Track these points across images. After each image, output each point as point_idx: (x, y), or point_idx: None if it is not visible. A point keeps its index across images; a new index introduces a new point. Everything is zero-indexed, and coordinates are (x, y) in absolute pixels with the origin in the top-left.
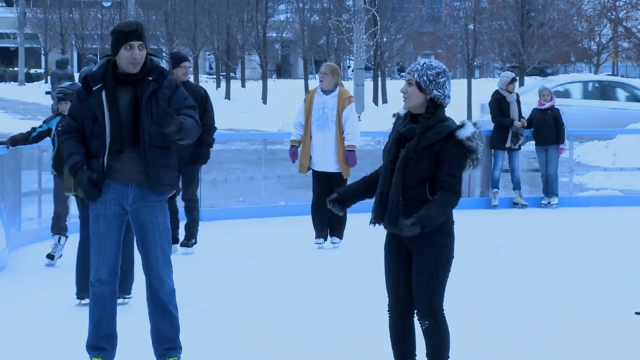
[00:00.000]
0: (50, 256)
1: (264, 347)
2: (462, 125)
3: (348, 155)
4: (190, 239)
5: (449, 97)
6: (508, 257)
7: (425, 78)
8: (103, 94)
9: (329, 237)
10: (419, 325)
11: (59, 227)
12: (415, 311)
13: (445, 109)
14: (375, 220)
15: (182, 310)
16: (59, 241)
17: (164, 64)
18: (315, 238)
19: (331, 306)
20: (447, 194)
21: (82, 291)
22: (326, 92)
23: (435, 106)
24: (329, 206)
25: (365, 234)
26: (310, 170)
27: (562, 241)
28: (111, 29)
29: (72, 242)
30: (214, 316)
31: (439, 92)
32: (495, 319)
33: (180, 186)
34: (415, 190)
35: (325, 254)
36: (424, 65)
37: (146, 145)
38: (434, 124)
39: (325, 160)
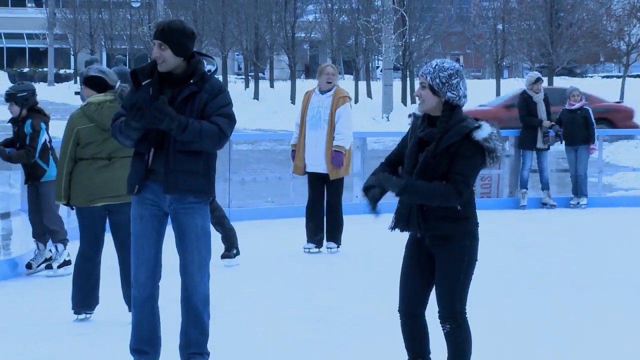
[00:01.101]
0: (49, 265)
1: (286, 348)
2: (479, 126)
3: (334, 155)
4: (231, 250)
5: (464, 97)
6: (536, 257)
7: (438, 81)
8: (150, 89)
9: (325, 242)
10: (441, 328)
11: (58, 239)
12: (438, 316)
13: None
14: (397, 225)
15: (212, 311)
16: (57, 249)
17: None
18: (306, 243)
19: (358, 307)
20: (451, 187)
21: (78, 306)
22: (323, 92)
23: (452, 107)
24: (366, 197)
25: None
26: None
27: (591, 242)
28: None
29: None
30: (243, 317)
31: (453, 93)
32: (523, 320)
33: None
34: None
35: (347, 255)
36: (436, 67)
37: (170, 148)
38: (452, 126)
39: (317, 161)
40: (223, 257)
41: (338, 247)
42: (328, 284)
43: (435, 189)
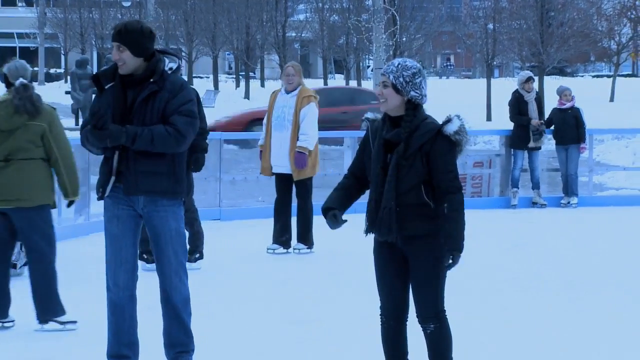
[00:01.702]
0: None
1: (271, 348)
2: (448, 120)
3: (297, 157)
4: (194, 254)
5: (426, 95)
6: (527, 256)
7: (401, 79)
8: (110, 93)
9: (296, 242)
10: (422, 329)
11: None
12: (418, 315)
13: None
14: (371, 228)
15: (197, 310)
16: (21, 248)
17: (183, 64)
18: (271, 243)
19: (342, 305)
20: (452, 198)
21: (44, 313)
22: (288, 91)
23: (415, 106)
24: (329, 220)
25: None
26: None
27: (582, 241)
28: None
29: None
30: (228, 315)
31: (416, 92)
32: (513, 319)
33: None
34: (411, 194)
35: (342, 253)
36: (399, 65)
37: (130, 149)
38: (418, 124)
39: (282, 161)
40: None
41: (308, 247)
42: (317, 283)
43: (456, 215)
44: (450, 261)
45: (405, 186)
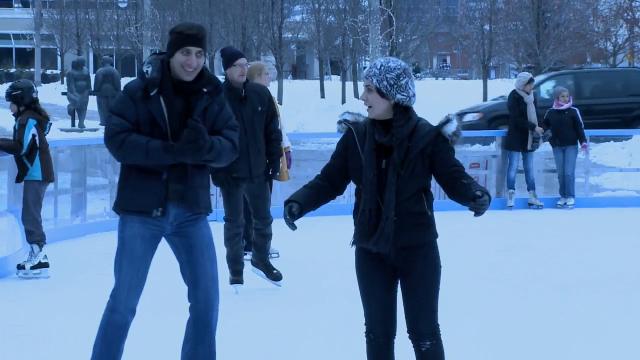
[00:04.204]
0: (21, 266)
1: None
2: (448, 121)
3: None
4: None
5: (414, 96)
6: (523, 258)
7: (385, 83)
8: (161, 100)
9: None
10: (414, 346)
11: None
12: (412, 331)
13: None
14: (362, 240)
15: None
16: (32, 249)
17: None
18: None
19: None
20: (466, 175)
21: None
22: None
23: (403, 109)
24: (288, 219)
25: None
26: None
27: (578, 242)
28: (171, 29)
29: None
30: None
31: (403, 95)
32: (509, 321)
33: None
34: (410, 202)
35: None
36: (382, 68)
37: (186, 164)
38: (414, 127)
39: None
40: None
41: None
42: (312, 283)
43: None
44: (486, 200)
45: (405, 194)
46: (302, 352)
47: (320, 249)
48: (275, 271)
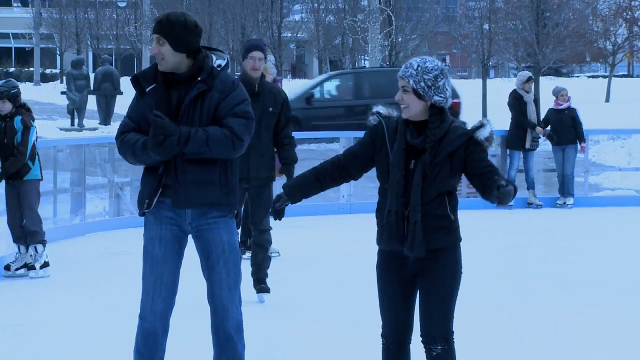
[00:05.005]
0: (32, 267)
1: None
2: (481, 125)
3: None
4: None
5: (450, 97)
6: (523, 257)
7: (422, 84)
8: (154, 95)
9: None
10: (426, 350)
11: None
12: (425, 335)
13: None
14: (389, 243)
15: (195, 310)
16: (36, 250)
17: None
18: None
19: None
20: (499, 173)
21: None
22: None
23: (439, 110)
24: (278, 204)
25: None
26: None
27: (577, 241)
28: None
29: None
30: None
31: (440, 96)
32: (509, 319)
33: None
34: (434, 204)
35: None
36: (419, 68)
37: (177, 158)
38: (447, 129)
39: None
40: (260, 291)
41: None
42: (307, 283)
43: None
44: (510, 190)
45: (429, 196)
46: (302, 352)
47: (321, 249)
48: (263, 285)
